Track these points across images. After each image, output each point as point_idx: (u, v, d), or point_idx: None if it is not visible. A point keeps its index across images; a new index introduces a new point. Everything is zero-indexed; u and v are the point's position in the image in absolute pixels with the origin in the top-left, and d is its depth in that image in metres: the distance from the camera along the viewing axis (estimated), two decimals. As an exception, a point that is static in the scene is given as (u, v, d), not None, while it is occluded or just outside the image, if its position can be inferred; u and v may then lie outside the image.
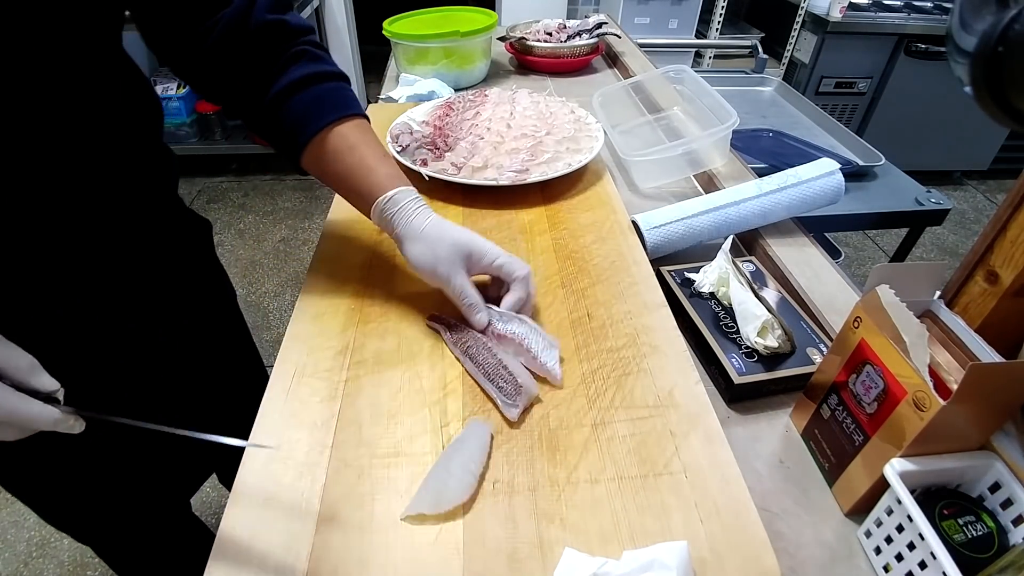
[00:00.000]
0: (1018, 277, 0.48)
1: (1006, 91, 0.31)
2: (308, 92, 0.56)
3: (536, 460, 0.48)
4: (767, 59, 1.86)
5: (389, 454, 0.48)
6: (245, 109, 0.57)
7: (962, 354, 0.46)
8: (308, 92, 0.56)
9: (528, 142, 0.86)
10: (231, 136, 2.70)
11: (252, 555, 0.41)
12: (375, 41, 1.86)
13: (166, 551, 0.88)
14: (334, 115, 0.56)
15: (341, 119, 0.56)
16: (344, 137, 0.56)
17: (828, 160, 0.79)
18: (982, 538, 0.41)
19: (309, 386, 0.54)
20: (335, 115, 0.56)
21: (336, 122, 0.56)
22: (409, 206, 0.57)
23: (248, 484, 0.46)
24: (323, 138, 0.56)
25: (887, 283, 0.44)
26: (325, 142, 0.56)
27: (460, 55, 1.24)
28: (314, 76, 0.56)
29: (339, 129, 0.56)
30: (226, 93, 0.57)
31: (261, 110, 0.56)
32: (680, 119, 1.09)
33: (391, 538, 0.42)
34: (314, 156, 0.57)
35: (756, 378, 0.57)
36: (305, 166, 0.58)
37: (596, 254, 0.71)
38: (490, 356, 0.54)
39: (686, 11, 2.57)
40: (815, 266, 0.73)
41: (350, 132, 0.56)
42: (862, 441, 0.46)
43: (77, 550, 1.35)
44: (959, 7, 0.33)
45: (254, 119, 0.58)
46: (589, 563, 0.39)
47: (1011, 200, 0.48)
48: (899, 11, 2.52)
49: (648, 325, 0.60)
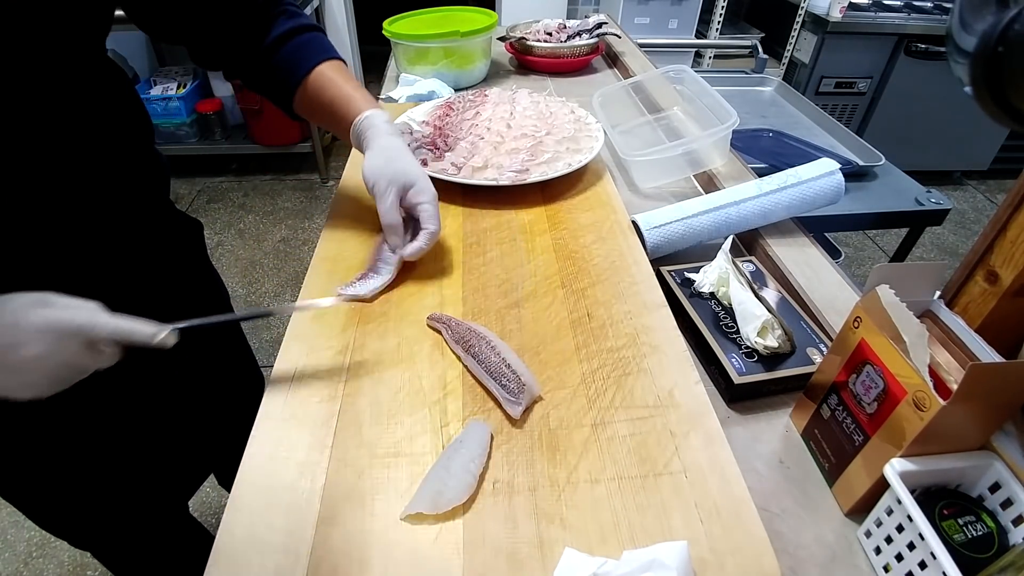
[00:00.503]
0: (1018, 277, 0.48)
1: (1006, 91, 0.31)
2: (291, 44, 0.65)
3: (536, 460, 0.48)
4: (767, 59, 1.87)
5: (389, 454, 0.48)
6: (242, 66, 0.67)
7: (962, 354, 0.46)
8: (291, 44, 0.65)
9: (528, 142, 0.86)
10: (231, 136, 2.70)
11: (252, 555, 0.41)
12: (375, 41, 1.86)
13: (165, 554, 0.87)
14: (314, 60, 0.65)
15: (320, 62, 0.66)
16: (324, 75, 0.66)
17: (828, 160, 0.79)
18: (982, 538, 0.41)
19: (309, 386, 0.54)
20: (315, 60, 0.65)
21: (316, 65, 0.65)
22: (381, 126, 0.65)
23: (248, 484, 0.46)
24: (307, 80, 0.65)
25: (887, 283, 0.44)
26: (308, 83, 0.65)
27: (460, 55, 1.24)
28: (294, 30, 0.66)
29: (319, 69, 0.66)
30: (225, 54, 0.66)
31: (255, 65, 0.66)
32: (680, 119, 1.09)
33: (391, 538, 0.42)
34: (302, 97, 0.66)
35: (756, 378, 0.57)
36: (296, 109, 0.68)
37: (596, 254, 0.71)
38: (492, 354, 0.54)
39: (686, 11, 2.57)
40: (815, 266, 0.73)
41: (328, 70, 0.66)
42: (862, 441, 0.46)
43: (77, 551, 1.35)
44: (959, 7, 0.33)
45: (250, 74, 0.67)
46: (589, 563, 0.39)
47: (1011, 200, 0.48)
48: (899, 11, 2.52)
49: (648, 325, 0.60)
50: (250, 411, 0.51)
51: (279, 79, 0.66)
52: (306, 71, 0.65)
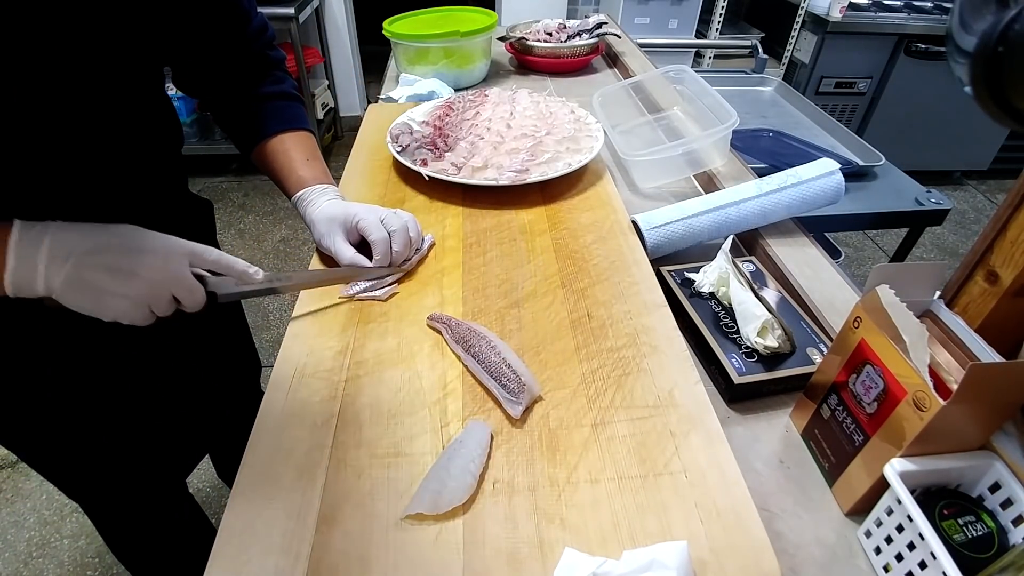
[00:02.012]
0: (1018, 277, 0.48)
1: (1006, 91, 0.30)
2: (269, 105, 0.72)
3: (536, 460, 0.48)
4: (767, 59, 1.86)
5: (389, 454, 0.48)
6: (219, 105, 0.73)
7: (962, 354, 0.46)
8: (269, 105, 0.72)
9: (528, 142, 0.86)
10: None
11: (252, 555, 0.41)
12: (375, 41, 1.86)
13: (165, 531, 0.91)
14: (282, 127, 0.72)
15: (286, 130, 0.72)
16: (284, 143, 0.71)
17: (828, 160, 0.79)
18: (982, 538, 0.41)
19: (309, 386, 0.54)
20: (283, 127, 0.72)
21: (282, 132, 0.71)
22: (316, 200, 0.69)
23: (248, 483, 0.46)
24: (268, 142, 0.71)
25: (887, 283, 0.44)
26: (268, 144, 0.71)
27: (460, 55, 1.24)
28: (276, 94, 0.73)
29: (282, 137, 0.71)
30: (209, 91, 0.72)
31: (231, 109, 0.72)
32: (680, 119, 1.09)
33: (391, 538, 0.42)
34: (259, 153, 0.72)
35: (756, 378, 0.57)
36: (253, 158, 0.74)
37: (596, 254, 0.71)
38: (493, 354, 0.54)
39: (686, 11, 2.57)
40: (815, 266, 0.73)
41: (289, 140, 0.72)
42: (862, 441, 0.46)
43: (77, 550, 1.35)
44: (959, 7, 0.33)
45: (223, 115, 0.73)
46: (589, 563, 0.39)
47: (1011, 200, 0.48)
48: (899, 11, 2.52)
49: (648, 325, 0.60)
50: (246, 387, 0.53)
51: (246, 130, 0.72)
52: (269, 134, 0.71)
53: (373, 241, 0.65)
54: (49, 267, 0.46)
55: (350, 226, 0.66)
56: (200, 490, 1.48)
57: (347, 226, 0.66)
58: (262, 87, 0.72)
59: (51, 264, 0.46)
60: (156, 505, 0.87)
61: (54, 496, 1.45)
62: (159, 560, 0.93)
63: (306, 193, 0.69)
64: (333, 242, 0.66)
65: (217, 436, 1.03)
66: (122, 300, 0.49)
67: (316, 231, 0.68)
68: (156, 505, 0.87)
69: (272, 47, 0.74)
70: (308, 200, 0.69)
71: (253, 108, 0.71)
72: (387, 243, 0.65)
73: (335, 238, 0.66)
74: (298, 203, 0.70)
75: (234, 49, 0.68)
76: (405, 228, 0.67)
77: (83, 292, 0.47)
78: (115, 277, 0.48)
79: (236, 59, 0.69)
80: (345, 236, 0.66)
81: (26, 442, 0.70)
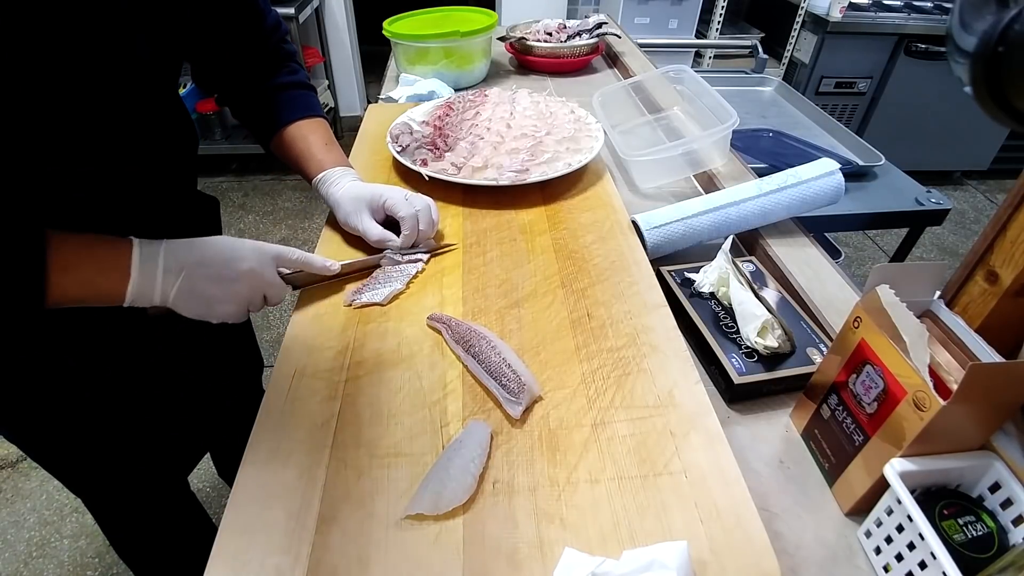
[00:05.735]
0: (1018, 277, 0.48)
1: (1006, 91, 0.30)
2: (284, 94, 0.74)
3: (536, 460, 0.48)
4: (767, 59, 1.86)
5: (389, 454, 0.48)
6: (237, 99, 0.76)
7: (962, 354, 0.46)
8: (284, 94, 0.74)
9: (528, 142, 0.86)
10: (231, 136, 2.70)
11: (252, 554, 0.41)
12: (375, 41, 1.86)
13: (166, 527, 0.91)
14: (298, 115, 0.74)
15: (302, 118, 0.74)
16: (300, 130, 0.73)
17: (828, 160, 0.79)
18: (982, 538, 0.41)
19: (309, 386, 0.54)
20: (298, 115, 0.74)
21: (298, 120, 0.73)
22: (341, 178, 0.71)
23: (248, 483, 0.46)
24: (285, 130, 0.73)
25: (887, 283, 0.44)
26: (286, 132, 0.73)
27: (460, 55, 1.24)
28: (291, 84, 0.75)
29: (299, 124, 0.73)
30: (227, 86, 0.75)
31: (248, 101, 0.75)
32: (680, 119, 1.09)
33: (391, 538, 0.42)
34: (277, 142, 0.74)
35: (756, 378, 0.57)
36: (272, 149, 0.76)
37: (596, 254, 0.71)
38: (493, 354, 0.54)
39: (686, 11, 2.57)
40: (815, 266, 0.73)
41: (305, 127, 0.74)
42: (862, 441, 0.46)
43: (77, 550, 1.35)
44: (959, 7, 0.33)
45: (241, 108, 0.76)
46: (589, 563, 0.39)
47: (1011, 200, 0.48)
48: (899, 11, 2.51)
49: (648, 325, 0.60)
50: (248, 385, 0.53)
51: (264, 120, 0.75)
52: (287, 122, 0.73)
53: (402, 218, 0.67)
54: (165, 280, 0.51)
55: (376, 205, 0.69)
56: (200, 490, 1.48)
57: (373, 205, 0.69)
58: (278, 78, 0.74)
59: (166, 277, 0.51)
60: (158, 502, 0.88)
61: (54, 496, 1.45)
62: (160, 558, 0.94)
63: (328, 175, 0.72)
64: (360, 220, 0.69)
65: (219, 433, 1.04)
66: (228, 305, 0.55)
67: (341, 210, 0.70)
68: (158, 502, 0.88)
69: (286, 41, 0.76)
70: (331, 181, 0.71)
71: (270, 98, 0.74)
72: (416, 219, 0.68)
73: (362, 216, 0.69)
74: (320, 185, 0.72)
75: (252, 45, 0.71)
76: (428, 207, 0.70)
77: (196, 301, 0.53)
78: (221, 286, 0.54)
79: (254, 54, 0.72)
80: (372, 215, 0.69)
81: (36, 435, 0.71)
